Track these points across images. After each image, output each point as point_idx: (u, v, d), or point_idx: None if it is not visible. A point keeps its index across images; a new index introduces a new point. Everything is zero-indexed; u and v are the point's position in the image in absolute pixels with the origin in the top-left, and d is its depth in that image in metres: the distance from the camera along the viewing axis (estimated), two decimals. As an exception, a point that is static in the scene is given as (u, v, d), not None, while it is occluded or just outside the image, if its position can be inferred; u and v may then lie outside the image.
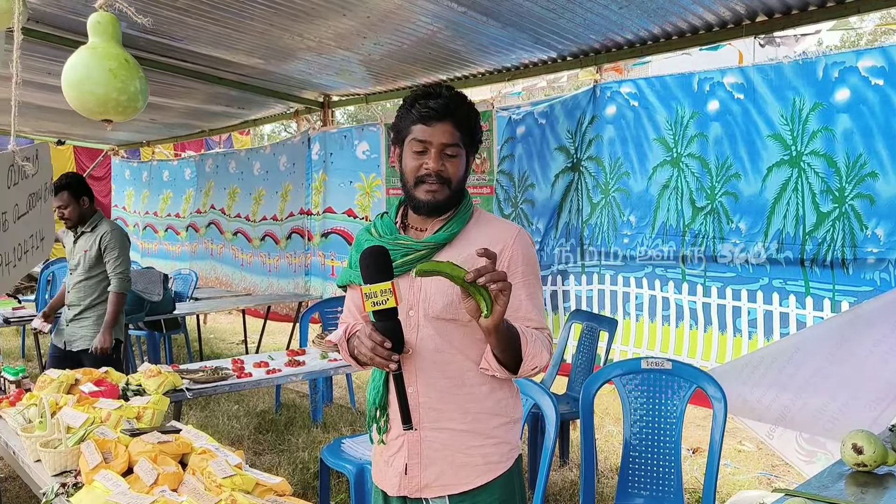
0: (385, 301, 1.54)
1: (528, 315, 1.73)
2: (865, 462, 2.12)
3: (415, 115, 1.70)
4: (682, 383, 2.73)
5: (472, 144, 1.77)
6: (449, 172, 1.71)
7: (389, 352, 1.57)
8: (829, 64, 3.42)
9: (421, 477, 1.75)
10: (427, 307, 1.72)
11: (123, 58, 2.39)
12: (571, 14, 3.80)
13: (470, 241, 1.73)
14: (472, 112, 1.75)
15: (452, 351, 1.72)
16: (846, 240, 3.36)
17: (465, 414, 1.73)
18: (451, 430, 1.74)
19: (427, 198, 1.71)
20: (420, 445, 1.75)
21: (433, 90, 1.72)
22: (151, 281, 5.26)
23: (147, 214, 10.16)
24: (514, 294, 1.68)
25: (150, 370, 3.08)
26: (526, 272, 1.75)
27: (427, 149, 1.69)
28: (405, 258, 1.72)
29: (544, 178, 4.69)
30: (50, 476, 2.16)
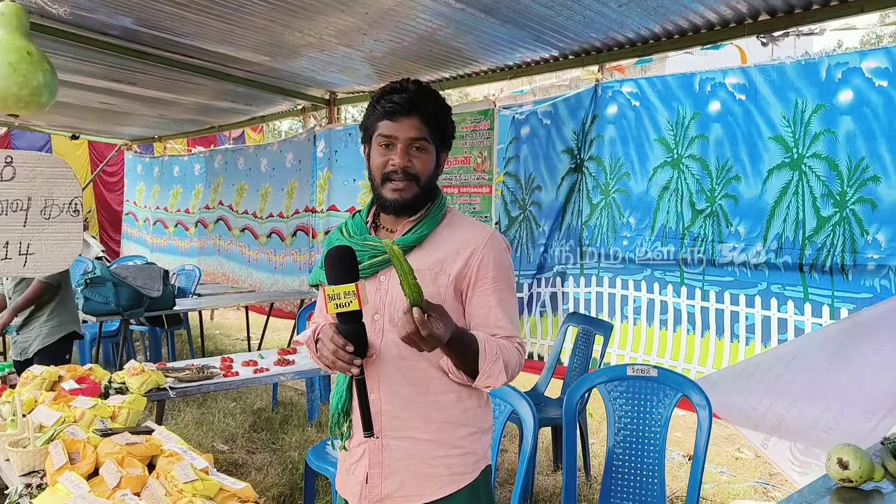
0: (348, 303, 1.49)
1: (497, 322, 1.68)
2: (851, 478, 2.06)
3: (380, 111, 1.66)
4: (668, 391, 2.66)
5: (443, 140, 1.72)
6: (416, 168, 1.66)
7: (351, 356, 1.52)
8: (833, 65, 3.33)
9: (382, 487, 1.71)
10: (393, 312, 1.66)
11: (26, 51, 2.32)
12: (570, 12, 3.74)
13: (440, 243, 1.69)
14: (441, 107, 1.70)
15: (417, 358, 1.65)
16: (846, 245, 3.27)
17: (430, 423, 1.68)
18: (414, 440, 1.69)
19: (394, 196, 1.67)
20: (382, 454, 1.70)
21: (400, 85, 1.67)
22: (151, 276, 5.26)
23: (158, 209, 10.22)
24: (483, 300, 1.68)
25: (134, 368, 3.07)
26: (497, 277, 1.69)
27: (393, 144, 1.65)
28: (372, 260, 1.68)
29: (551, 179, 4.62)
30: (17, 476, 2.14)
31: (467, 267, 1.67)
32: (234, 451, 4.42)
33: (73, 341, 4.01)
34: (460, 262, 1.67)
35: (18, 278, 3.86)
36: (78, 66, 5.62)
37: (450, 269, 1.67)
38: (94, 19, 4.59)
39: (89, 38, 4.92)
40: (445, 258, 1.68)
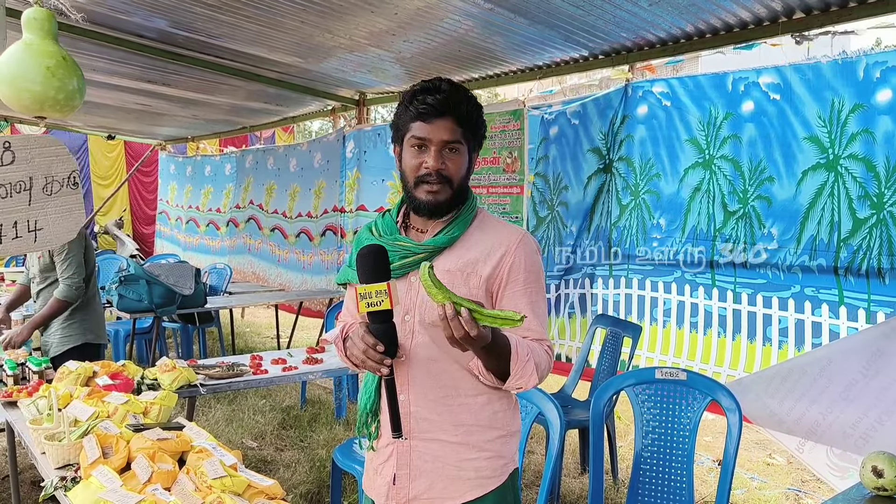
0: (380, 302, 1.47)
1: (527, 325, 1.63)
2: (885, 486, 2.02)
3: (413, 112, 1.63)
4: (697, 395, 2.63)
5: (475, 140, 1.70)
6: (450, 171, 1.64)
7: (382, 356, 1.50)
8: (871, 63, 3.25)
9: (409, 488, 1.70)
10: (423, 313, 1.65)
11: (61, 55, 2.36)
12: (601, 11, 3.72)
13: (471, 244, 1.68)
14: (474, 107, 1.67)
15: (447, 360, 1.65)
16: (883, 248, 3.19)
17: (458, 426, 1.67)
18: (442, 442, 1.67)
19: (427, 198, 1.64)
20: (410, 455, 1.69)
21: (432, 84, 1.64)
22: (183, 275, 5.34)
23: (190, 209, 10.37)
24: (514, 302, 1.66)
25: (166, 365, 3.11)
26: (528, 279, 1.67)
27: (426, 146, 1.62)
28: (403, 260, 1.66)
29: (577, 179, 4.60)
30: (53, 469, 2.18)
31: (499, 268, 1.66)
32: (262, 448, 4.47)
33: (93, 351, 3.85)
34: (492, 263, 1.66)
35: (42, 283, 3.86)
36: (115, 67, 5.74)
37: (481, 270, 1.65)
38: (130, 22, 4.68)
39: (126, 40, 5.02)
40: (477, 259, 1.66)
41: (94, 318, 3.90)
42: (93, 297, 3.90)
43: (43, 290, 3.86)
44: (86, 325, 3.84)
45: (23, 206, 2.48)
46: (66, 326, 3.78)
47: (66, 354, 3.66)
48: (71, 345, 3.77)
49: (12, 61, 2.15)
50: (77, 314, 3.81)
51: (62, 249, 3.72)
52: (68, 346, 3.76)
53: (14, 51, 2.18)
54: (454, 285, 1.62)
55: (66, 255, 3.72)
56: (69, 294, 3.72)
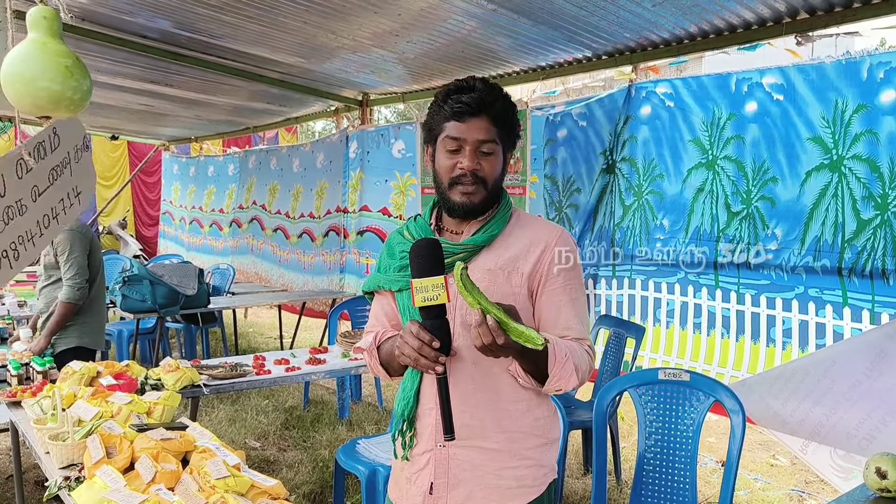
0: (437, 296, 1.43)
1: (568, 324, 1.62)
2: (889, 487, 2.01)
3: (447, 112, 1.59)
4: (700, 396, 2.62)
5: (510, 140, 1.65)
6: (485, 171, 1.60)
7: (437, 352, 1.45)
8: (875, 64, 3.25)
9: (447, 498, 1.64)
10: (465, 314, 1.57)
11: (74, 56, 2.37)
12: (604, 12, 3.71)
13: (511, 242, 1.64)
14: (509, 105, 1.63)
15: (490, 363, 1.57)
16: (888, 249, 3.18)
17: (501, 432, 1.61)
18: (482, 449, 1.62)
19: (462, 200, 1.60)
20: (448, 464, 1.63)
21: (466, 83, 1.60)
22: (187, 275, 5.34)
23: (194, 209, 10.38)
24: (553, 299, 1.62)
25: (170, 365, 3.12)
26: (568, 276, 1.63)
27: (461, 147, 1.58)
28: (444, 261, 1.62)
29: (589, 181, 4.58)
30: (57, 469, 2.19)
31: (539, 264, 1.62)
32: (265, 449, 4.47)
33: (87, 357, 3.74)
34: (532, 259, 1.62)
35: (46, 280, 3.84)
36: (118, 68, 5.74)
37: (523, 267, 1.62)
38: (133, 23, 4.69)
39: (129, 41, 5.02)
40: (517, 257, 1.63)
41: (94, 322, 3.88)
42: (95, 300, 3.88)
43: (45, 287, 3.87)
44: (83, 329, 3.83)
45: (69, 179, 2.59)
46: (64, 327, 3.77)
47: (59, 356, 3.63)
48: (64, 347, 3.76)
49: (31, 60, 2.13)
50: (78, 317, 3.80)
51: (66, 249, 3.71)
52: (62, 348, 3.75)
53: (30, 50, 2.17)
54: (497, 284, 1.60)
55: (69, 255, 3.71)
56: (72, 295, 3.71)
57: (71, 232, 3.73)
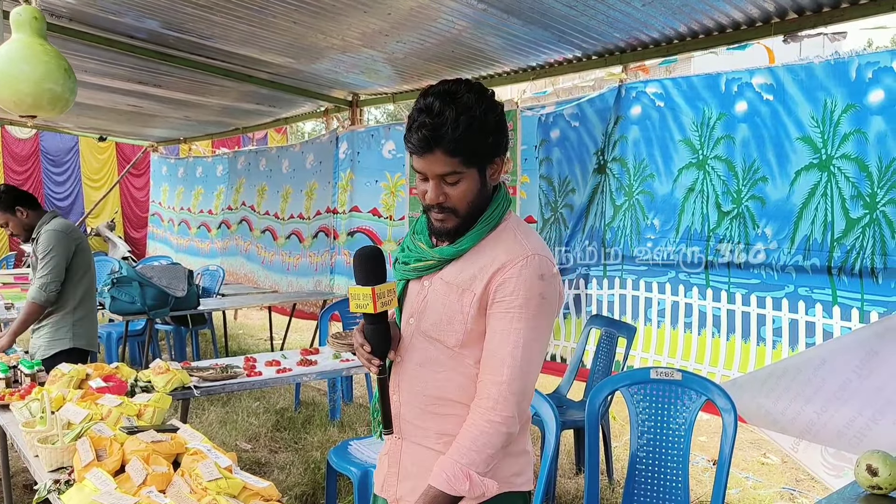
0: (365, 305, 1.53)
1: (496, 363, 1.52)
2: (880, 485, 2.02)
3: (408, 145, 1.55)
4: (692, 395, 2.63)
5: (483, 156, 1.54)
6: (452, 201, 1.54)
7: (370, 355, 1.57)
8: (863, 64, 3.27)
9: (397, 488, 1.70)
10: (422, 320, 1.62)
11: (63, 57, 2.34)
12: (594, 12, 3.72)
13: (477, 258, 1.58)
14: (469, 127, 1.48)
15: (435, 369, 1.61)
16: (876, 247, 3.21)
17: (442, 435, 1.61)
18: (427, 449, 1.64)
19: (437, 226, 1.60)
20: (400, 455, 1.70)
21: (417, 116, 1.50)
22: (176, 276, 5.31)
23: (182, 210, 10.33)
24: (493, 329, 1.55)
25: (160, 367, 3.09)
26: (512, 302, 1.51)
27: (426, 177, 1.55)
28: (417, 263, 1.65)
29: (583, 181, 4.59)
30: (46, 472, 2.17)
31: (490, 286, 1.54)
32: (257, 451, 4.45)
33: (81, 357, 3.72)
34: (485, 280, 1.54)
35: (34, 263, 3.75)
36: (106, 69, 5.71)
37: (476, 287, 1.55)
38: (121, 23, 4.65)
39: (118, 41, 4.98)
40: (475, 275, 1.56)
41: (87, 323, 3.81)
42: (86, 300, 3.82)
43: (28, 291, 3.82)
44: (77, 330, 3.75)
45: None
46: (55, 330, 3.72)
47: (53, 358, 3.57)
48: (59, 349, 3.69)
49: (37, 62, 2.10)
50: (68, 318, 3.74)
51: (45, 249, 3.62)
52: (56, 350, 3.68)
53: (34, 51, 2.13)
54: (448, 299, 1.58)
55: (47, 255, 3.61)
56: (37, 296, 3.60)
57: (54, 232, 3.65)
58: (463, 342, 1.58)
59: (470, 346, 1.58)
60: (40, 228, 3.72)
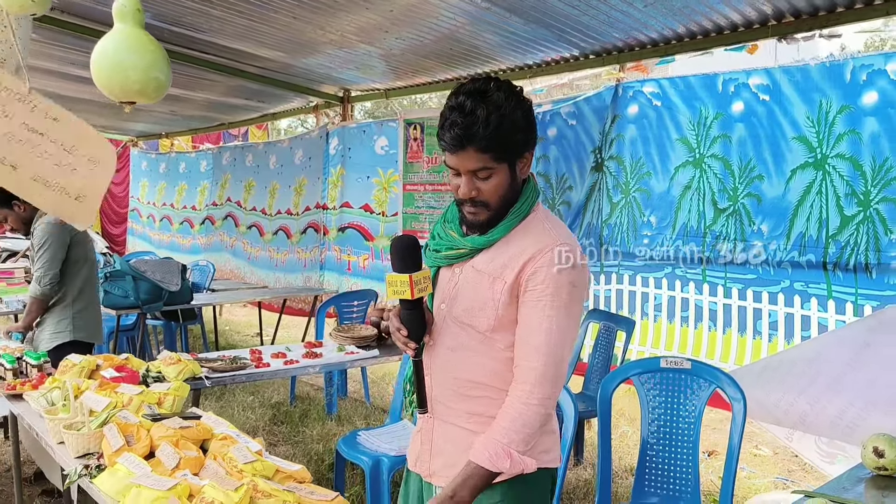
0: (403, 292, 1.60)
1: (529, 350, 1.59)
2: (886, 466, 2.11)
3: (441, 143, 1.62)
4: (702, 383, 2.71)
5: (513, 152, 1.60)
6: (484, 195, 1.61)
7: (406, 338, 1.66)
8: (857, 66, 3.38)
9: (430, 463, 1.78)
10: (453, 305, 1.70)
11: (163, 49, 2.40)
12: (595, 11, 3.78)
13: (508, 247, 1.64)
14: (500, 125, 1.54)
15: (467, 353, 1.68)
16: (870, 244, 3.32)
17: (472, 416, 1.69)
18: (459, 428, 1.72)
19: (470, 219, 1.67)
20: (433, 433, 1.78)
21: (449, 115, 1.58)
22: (170, 271, 5.29)
23: (164, 206, 10.23)
24: (527, 320, 1.61)
25: (170, 358, 3.10)
26: (544, 291, 1.58)
27: (459, 173, 1.62)
28: (449, 251, 1.71)
29: (581, 179, 4.67)
30: (73, 458, 2.17)
31: (521, 275, 1.61)
32: (254, 444, 4.45)
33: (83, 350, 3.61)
34: (516, 269, 1.61)
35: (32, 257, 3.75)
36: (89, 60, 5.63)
37: (508, 275, 1.62)
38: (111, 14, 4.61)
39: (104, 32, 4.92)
40: (506, 264, 1.62)
41: (88, 315, 3.80)
42: (85, 292, 3.80)
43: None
44: (77, 322, 3.74)
45: None
46: (57, 322, 3.70)
47: (55, 351, 3.55)
48: (60, 341, 3.67)
49: (144, 51, 2.14)
50: (68, 310, 3.73)
51: (39, 243, 3.61)
52: (57, 343, 3.66)
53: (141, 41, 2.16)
54: (480, 286, 1.65)
55: (41, 248, 3.61)
56: (34, 290, 3.62)
57: (50, 225, 3.63)
58: (494, 327, 1.64)
59: (501, 332, 1.65)
60: (37, 222, 3.70)
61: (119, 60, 2.05)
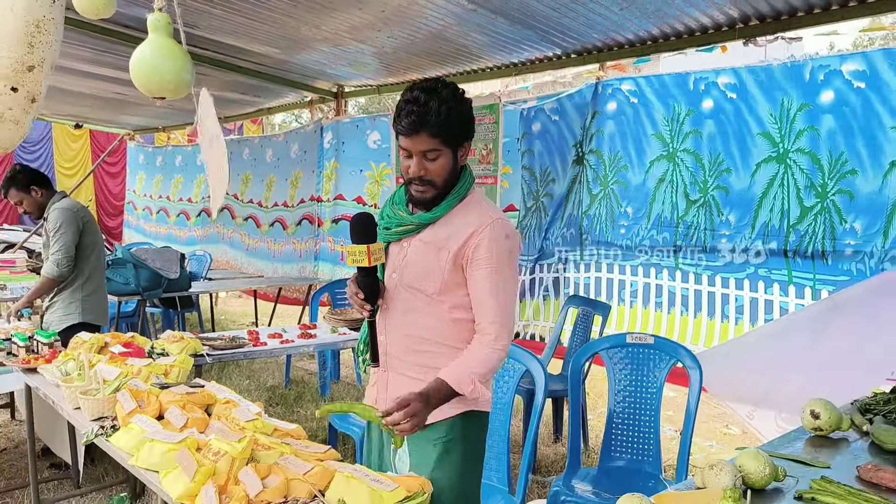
0: (361, 260, 1.88)
1: (484, 308, 1.92)
2: (821, 427, 2.34)
3: (398, 128, 1.91)
4: (663, 356, 2.96)
5: (459, 137, 1.91)
6: (432, 174, 1.90)
7: (363, 301, 1.93)
8: (816, 67, 3.62)
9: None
10: (404, 275, 1.99)
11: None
12: (575, 14, 4.01)
13: (451, 222, 1.96)
14: (447, 114, 1.84)
15: (416, 315, 1.98)
16: (827, 232, 3.57)
17: (421, 367, 1.98)
18: (409, 378, 2.00)
19: (417, 196, 1.95)
20: (387, 384, 2.06)
21: (407, 104, 1.87)
22: (169, 259, 5.50)
23: (161, 198, 10.42)
24: (476, 283, 1.94)
25: (173, 336, 3.32)
26: (490, 262, 1.91)
27: (411, 154, 1.90)
28: (398, 228, 2.01)
29: (563, 172, 4.90)
30: (89, 420, 2.40)
31: (465, 247, 1.91)
32: (251, 424, 4.67)
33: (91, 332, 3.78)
34: (460, 241, 1.92)
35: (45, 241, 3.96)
36: (93, 55, 5.79)
37: (451, 246, 1.92)
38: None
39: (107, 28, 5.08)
40: (450, 236, 1.93)
41: (96, 299, 4.03)
42: (94, 277, 4.02)
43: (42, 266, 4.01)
44: (86, 306, 3.96)
45: None
46: (67, 304, 3.93)
47: (64, 332, 3.74)
48: (69, 323, 3.90)
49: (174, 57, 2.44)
50: (77, 293, 3.95)
51: (55, 227, 3.82)
52: (66, 325, 3.88)
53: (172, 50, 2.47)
54: (427, 256, 1.96)
55: (57, 231, 3.82)
56: (51, 271, 3.83)
57: (63, 210, 3.87)
58: (440, 290, 1.95)
59: (446, 294, 1.96)
60: (50, 207, 3.92)
61: (155, 65, 2.41)
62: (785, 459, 2.08)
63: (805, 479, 1.92)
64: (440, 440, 1.97)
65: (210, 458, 1.88)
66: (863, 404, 2.56)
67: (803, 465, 2.06)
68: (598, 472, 2.93)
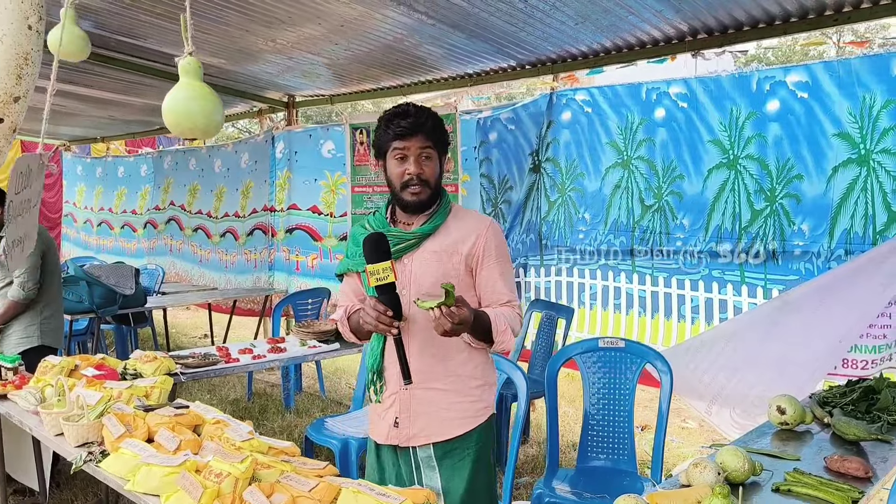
0: (386, 277, 1.91)
1: (501, 291, 2.13)
2: (787, 421, 2.51)
3: (392, 133, 2.05)
4: (634, 359, 3.09)
5: (442, 146, 2.12)
6: (427, 174, 2.06)
7: (391, 319, 1.92)
8: (762, 78, 3.83)
9: (410, 428, 2.12)
10: (417, 287, 2.07)
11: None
12: (532, 28, 4.12)
13: (451, 230, 2.12)
14: (438, 121, 2.10)
15: None
16: (776, 234, 3.78)
17: (448, 376, 2.11)
18: (436, 390, 2.11)
19: (413, 199, 2.08)
20: (410, 402, 2.12)
21: (402, 110, 2.07)
22: (123, 275, 5.38)
23: (102, 211, 10.14)
24: (489, 274, 2.13)
25: (146, 356, 3.29)
26: (498, 255, 2.14)
27: (406, 156, 2.04)
28: (397, 246, 2.08)
29: (520, 180, 5.02)
30: (73, 447, 2.36)
31: (475, 248, 2.11)
32: (216, 440, 4.63)
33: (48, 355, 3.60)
34: (469, 244, 2.10)
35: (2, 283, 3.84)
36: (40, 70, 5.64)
37: (461, 249, 2.10)
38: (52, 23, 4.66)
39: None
40: (457, 241, 2.10)
41: (55, 322, 3.95)
42: (55, 299, 3.93)
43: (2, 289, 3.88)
44: (45, 328, 3.88)
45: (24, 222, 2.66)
46: (25, 328, 3.82)
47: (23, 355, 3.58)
48: (27, 346, 3.80)
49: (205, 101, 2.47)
50: (36, 317, 3.85)
51: None
52: (24, 348, 3.78)
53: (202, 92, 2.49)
54: (441, 262, 2.08)
55: None
56: (18, 294, 3.76)
57: None
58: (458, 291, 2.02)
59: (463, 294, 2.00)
60: None
61: (188, 108, 2.51)
62: (759, 454, 2.22)
63: (779, 471, 2.06)
64: (471, 450, 2.11)
65: (213, 480, 1.89)
66: (821, 398, 2.73)
67: (776, 458, 2.21)
68: (576, 472, 3.05)
